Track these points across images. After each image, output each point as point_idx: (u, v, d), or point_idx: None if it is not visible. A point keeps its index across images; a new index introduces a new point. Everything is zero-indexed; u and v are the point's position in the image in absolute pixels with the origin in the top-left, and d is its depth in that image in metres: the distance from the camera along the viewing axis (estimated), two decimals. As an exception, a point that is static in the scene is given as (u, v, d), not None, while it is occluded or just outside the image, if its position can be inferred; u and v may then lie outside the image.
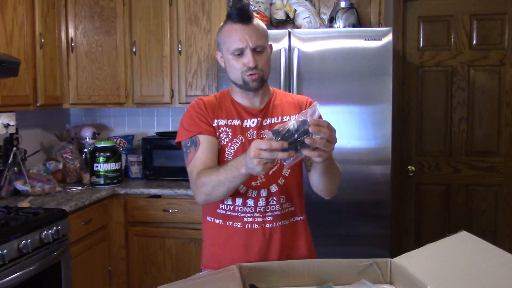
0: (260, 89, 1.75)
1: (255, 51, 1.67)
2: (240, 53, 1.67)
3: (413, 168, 3.72)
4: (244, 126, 1.75)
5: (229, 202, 1.74)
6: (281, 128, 1.34)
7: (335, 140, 1.39)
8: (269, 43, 1.77)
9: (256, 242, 1.73)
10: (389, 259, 1.55)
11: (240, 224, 1.73)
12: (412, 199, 3.75)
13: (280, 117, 1.78)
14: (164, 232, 3.22)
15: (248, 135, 1.74)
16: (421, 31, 3.69)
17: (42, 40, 3.01)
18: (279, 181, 1.73)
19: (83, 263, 2.86)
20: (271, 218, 1.73)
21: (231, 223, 1.74)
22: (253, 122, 1.75)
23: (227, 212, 1.75)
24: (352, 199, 2.89)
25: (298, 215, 1.81)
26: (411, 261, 1.48)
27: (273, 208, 1.74)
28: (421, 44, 3.69)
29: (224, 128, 1.74)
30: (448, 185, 3.70)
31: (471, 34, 3.61)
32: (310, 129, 1.31)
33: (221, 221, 1.76)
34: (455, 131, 3.67)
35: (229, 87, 1.84)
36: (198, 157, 1.69)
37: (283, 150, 1.32)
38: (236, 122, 1.75)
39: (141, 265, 3.27)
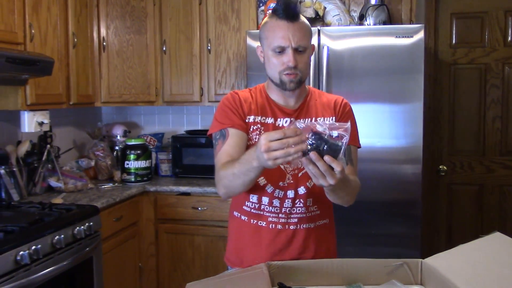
0: (296, 89, 1.72)
1: (296, 50, 1.63)
2: (281, 50, 1.63)
3: (444, 167, 3.65)
4: (277, 124, 1.72)
5: (255, 200, 1.73)
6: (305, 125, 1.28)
7: (334, 180, 1.30)
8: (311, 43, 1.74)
9: (279, 243, 1.73)
10: (420, 259, 1.53)
11: (264, 223, 1.73)
12: (443, 199, 3.69)
13: (314, 119, 1.75)
14: (193, 230, 3.24)
15: None
16: (454, 28, 3.61)
17: (75, 39, 3.07)
18: (308, 184, 1.72)
19: (114, 259, 2.90)
20: (295, 220, 1.72)
21: (255, 221, 1.74)
22: (286, 122, 1.73)
23: (252, 210, 1.75)
24: (382, 198, 2.85)
25: (324, 218, 1.79)
26: (443, 262, 1.46)
27: (298, 210, 1.72)
28: (453, 41, 3.62)
29: (257, 125, 1.72)
30: (481, 185, 3.62)
31: (506, 30, 3.52)
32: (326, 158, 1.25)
33: (246, 218, 1.77)
34: (488, 130, 3.58)
35: (265, 83, 1.80)
36: (224, 149, 1.67)
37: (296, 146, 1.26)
38: (270, 120, 1.73)
39: (170, 262, 3.30)
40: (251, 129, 1.72)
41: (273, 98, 1.76)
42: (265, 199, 1.72)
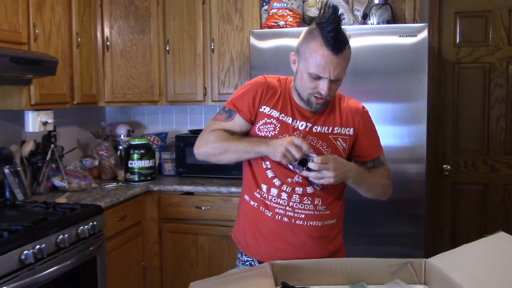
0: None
1: (332, 81, 1.64)
2: (318, 78, 1.63)
3: (448, 167, 3.64)
4: (293, 125, 1.74)
5: (265, 190, 1.76)
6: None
7: (331, 179, 1.60)
8: None
9: (284, 234, 1.75)
10: (424, 259, 1.53)
11: (271, 213, 1.75)
12: (447, 198, 3.68)
13: (331, 128, 1.76)
14: (197, 229, 3.25)
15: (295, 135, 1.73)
16: (458, 27, 3.60)
17: (79, 39, 3.07)
18: (316, 186, 1.73)
19: (117, 258, 2.91)
20: (303, 216, 1.73)
21: (263, 209, 1.77)
22: (302, 125, 1.74)
23: (261, 198, 1.77)
24: (385, 198, 2.85)
25: (332, 219, 1.79)
26: (446, 262, 1.45)
27: (306, 207, 1.73)
28: (457, 40, 3.61)
29: (272, 119, 1.74)
30: (485, 184, 3.61)
31: (510, 29, 3.51)
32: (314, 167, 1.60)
33: (256, 204, 1.79)
34: (492, 129, 3.57)
35: (292, 80, 1.79)
36: (223, 125, 1.77)
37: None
38: (288, 120, 1.74)
39: (174, 261, 3.31)
40: (264, 121, 1.74)
41: (295, 99, 1.77)
42: (274, 191, 1.75)
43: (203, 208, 3.21)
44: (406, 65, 2.78)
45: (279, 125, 1.73)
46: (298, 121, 1.74)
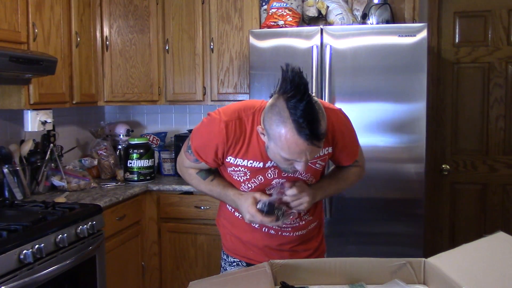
0: None
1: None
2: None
3: (447, 166, 3.65)
4: (266, 166, 1.64)
5: None
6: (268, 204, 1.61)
7: (304, 203, 1.62)
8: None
9: (272, 244, 1.79)
10: (423, 259, 1.52)
11: (257, 225, 1.77)
12: (446, 198, 3.68)
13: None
14: (196, 229, 3.25)
15: (269, 175, 1.66)
16: (457, 27, 3.60)
17: (78, 39, 3.07)
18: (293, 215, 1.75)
19: (117, 258, 2.91)
20: (289, 228, 1.78)
21: None
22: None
23: None
24: (385, 197, 2.85)
25: (314, 221, 1.85)
26: (446, 262, 1.45)
27: (293, 221, 1.77)
28: (456, 40, 3.61)
29: (242, 168, 1.65)
30: (484, 184, 3.62)
31: (509, 29, 3.51)
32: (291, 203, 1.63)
33: (240, 216, 1.77)
34: (492, 129, 3.58)
35: (261, 118, 1.54)
36: (195, 166, 1.77)
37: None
38: (259, 164, 1.63)
39: (173, 261, 3.31)
40: (232, 169, 1.67)
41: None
42: None
43: (202, 207, 3.21)
44: (406, 65, 2.78)
45: (249, 172, 1.65)
46: (271, 162, 1.60)
